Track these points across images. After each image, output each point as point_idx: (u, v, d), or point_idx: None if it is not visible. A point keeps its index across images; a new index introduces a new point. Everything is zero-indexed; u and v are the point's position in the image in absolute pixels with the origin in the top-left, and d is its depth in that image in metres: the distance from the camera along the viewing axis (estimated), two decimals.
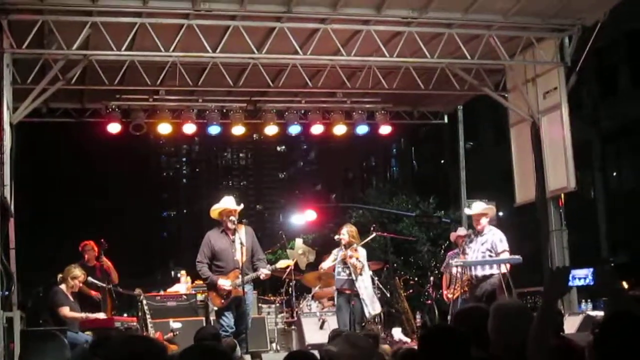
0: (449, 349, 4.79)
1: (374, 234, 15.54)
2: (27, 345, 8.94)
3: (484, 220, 13.43)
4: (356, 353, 5.80)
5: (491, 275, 13.03)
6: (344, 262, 13.37)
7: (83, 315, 12.94)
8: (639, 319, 3.77)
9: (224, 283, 12.57)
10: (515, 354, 4.91)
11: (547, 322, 4.42)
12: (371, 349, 6.14)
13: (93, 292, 14.03)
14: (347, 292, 13.31)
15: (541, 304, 4.50)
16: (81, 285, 13.39)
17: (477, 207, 13.79)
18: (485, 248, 13.25)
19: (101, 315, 13.35)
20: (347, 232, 13.55)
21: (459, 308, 7.64)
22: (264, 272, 12.87)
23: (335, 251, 13.81)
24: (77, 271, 13.25)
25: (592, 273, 20.02)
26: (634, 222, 28.46)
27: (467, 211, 14.81)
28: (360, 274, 13.30)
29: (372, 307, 13.39)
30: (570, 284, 4.64)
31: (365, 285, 13.39)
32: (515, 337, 5.03)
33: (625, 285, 16.09)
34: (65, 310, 12.80)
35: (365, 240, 14.92)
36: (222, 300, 12.62)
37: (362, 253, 13.57)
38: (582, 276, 19.86)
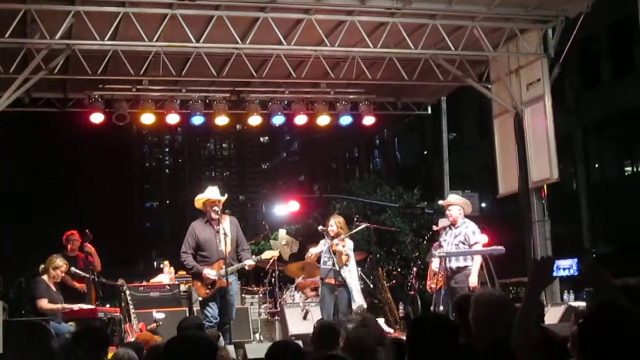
0: (438, 338, 4.80)
1: (363, 225, 15.50)
2: (12, 336, 8.91)
3: (454, 212, 13.48)
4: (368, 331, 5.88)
5: (465, 267, 13.08)
6: (330, 251, 13.36)
7: (60, 306, 12.86)
8: (624, 310, 3.78)
9: (210, 272, 12.54)
10: (498, 345, 4.93)
11: (531, 312, 4.43)
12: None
13: (77, 284, 13.99)
14: (332, 282, 13.32)
15: (525, 294, 4.51)
16: (63, 275, 13.33)
17: (450, 198, 13.94)
18: (458, 240, 13.32)
19: (83, 306, 13.30)
20: (335, 223, 13.54)
21: (456, 298, 7.66)
22: (249, 262, 12.86)
23: (322, 241, 13.80)
24: (59, 261, 13.19)
25: (577, 263, 20.12)
26: (615, 214, 28.60)
27: (439, 202, 14.92)
28: (346, 264, 13.30)
29: (359, 298, 13.41)
30: (555, 274, 4.65)
31: (352, 276, 13.41)
32: (498, 328, 5.04)
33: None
34: (43, 302, 12.68)
35: (355, 231, 14.92)
36: (207, 291, 12.61)
37: (349, 244, 13.57)
38: (566, 266, 19.99)
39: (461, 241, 13.25)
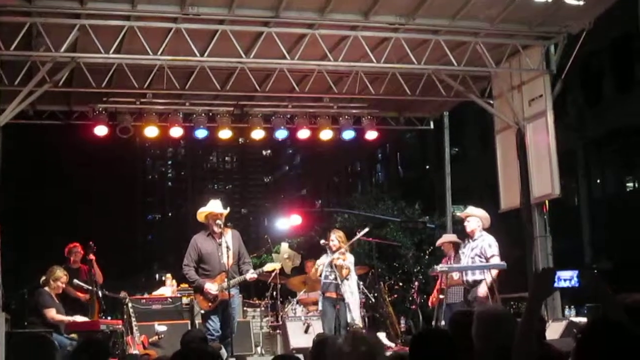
0: (439, 353, 4.82)
1: (363, 232, 15.43)
2: (15, 347, 8.95)
3: (473, 224, 13.48)
4: (364, 350, 5.88)
5: (482, 280, 13.10)
6: (331, 265, 13.39)
7: (70, 318, 12.92)
8: (620, 325, 3.81)
9: (211, 287, 12.55)
10: (502, 357, 4.95)
11: (533, 324, 4.45)
12: (378, 346, 6.23)
13: (80, 294, 14.02)
14: (333, 296, 13.33)
15: (527, 305, 4.52)
16: (64, 286, 13.37)
17: (468, 210, 13.95)
18: (474, 253, 13.32)
19: (86, 318, 13.34)
20: (336, 238, 13.58)
21: (453, 314, 7.70)
22: (250, 275, 12.86)
23: (324, 256, 13.81)
24: (59, 272, 13.22)
25: (578, 275, 20.08)
26: (616, 229, 28.60)
27: (458, 213, 14.91)
28: (347, 278, 13.33)
29: (355, 314, 13.43)
30: (556, 284, 4.65)
31: (351, 291, 13.42)
32: (499, 343, 5.07)
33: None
34: (53, 312, 12.78)
35: (355, 239, 14.91)
36: (210, 304, 12.61)
37: (350, 258, 13.59)
38: (567, 278, 19.91)
39: (477, 254, 13.23)
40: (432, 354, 4.85)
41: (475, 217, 13.53)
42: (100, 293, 14.10)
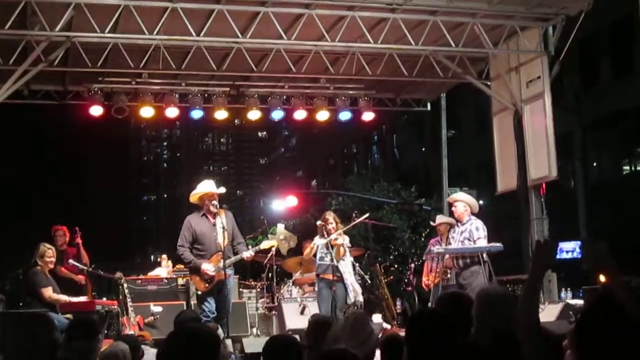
0: (437, 334, 4.78)
1: (361, 218, 15.41)
2: (12, 328, 8.92)
3: (460, 208, 13.51)
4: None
5: (472, 263, 13.13)
6: (327, 246, 13.34)
7: (67, 297, 12.86)
8: (620, 307, 3.76)
9: (208, 268, 12.51)
10: (501, 335, 4.92)
11: (534, 295, 4.39)
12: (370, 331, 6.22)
13: (78, 277, 13.96)
14: (329, 277, 13.29)
15: (528, 277, 4.44)
16: (53, 260, 13.19)
17: (455, 195, 14.02)
18: (463, 237, 13.38)
19: (82, 298, 13.30)
20: (333, 219, 13.55)
21: (441, 294, 7.68)
22: (247, 254, 12.80)
23: (317, 238, 13.77)
24: (42, 247, 12.95)
25: (580, 246, 19.97)
26: (613, 212, 28.62)
27: (446, 199, 14.96)
28: (342, 259, 13.31)
29: (354, 292, 13.43)
30: (558, 256, 4.58)
31: (348, 271, 13.42)
32: (500, 323, 5.03)
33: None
34: (49, 291, 12.67)
35: (354, 223, 14.92)
36: (206, 285, 12.58)
37: (346, 239, 13.58)
38: (569, 249, 19.85)
39: (466, 238, 13.29)
40: (428, 335, 4.80)
41: (461, 202, 13.56)
42: (90, 272, 14.05)
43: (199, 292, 12.91)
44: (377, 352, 6.83)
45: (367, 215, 15.44)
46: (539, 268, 4.43)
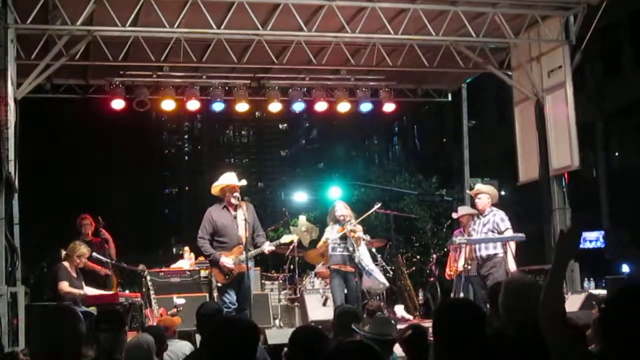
0: (467, 322, 4.75)
1: (375, 207, 15.42)
2: (37, 320, 9.01)
3: (484, 200, 13.53)
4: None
5: (495, 255, 13.16)
6: (342, 238, 13.32)
7: (82, 291, 12.89)
8: None
9: (227, 261, 12.53)
10: (526, 328, 4.91)
11: (558, 285, 4.36)
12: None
13: (99, 268, 14.01)
14: (346, 268, 13.28)
15: (552, 266, 4.40)
16: (86, 261, 13.35)
17: (478, 186, 14.03)
18: (487, 229, 13.39)
19: (99, 291, 13.35)
20: (344, 207, 13.55)
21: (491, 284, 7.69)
22: (268, 247, 12.82)
23: (329, 228, 13.76)
24: (83, 248, 13.17)
25: (604, 236, 19.93)
26: (635, 202, 28.46)
27: (467, 191, 14.94)
28: (359, 247, 13.32)
29: (380, 277, 13.54)
30: (582, 245, 4.53)
31: (365, 257, 13.47)
32: (527, 313, 5.00)
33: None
34: (64, 285, 12.69)
35: (367, 214, 14.95)
36: (226, 277, 12.62)
37: (359, 227, 13.56)
38: (593, 239, 19.81)
39: (490, 229, 13.30)
40: (457, 324, 4.77)
41: (485, 194, 13.60)
42: (115, 264, 14.14)
43: (219, 284, 12.96)
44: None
45: (379, 204, 15.40)
46: (562, 258, 4.40)
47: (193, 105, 16.65)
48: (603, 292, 13.69)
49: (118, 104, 16.17)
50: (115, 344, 6.91)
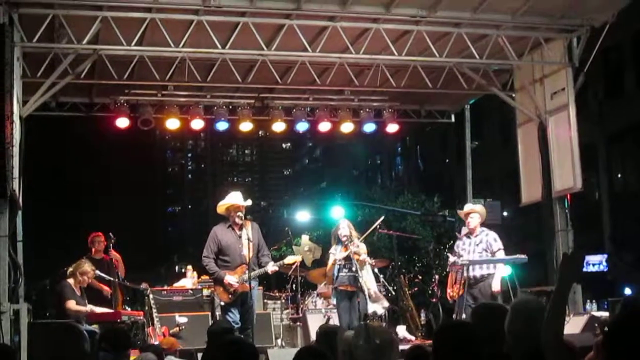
0: (463, 346, 4.76)
1: (375, 224, 15.45)
2: (40, 338, 9.01)
3: (475, 220, 13.59)
4: (374, 346, 5.84)
5: (489, 275, 13.22)
6: (346, 259, 13.35)
7: (87, 309, 12.96)
8: None
9: (231, 280, 12.59)
10: (533, 353, 4.88)
11: (561, 309, 4.36)
12: (390, 342, 6.18)
13: (103, 286, 14.03)
14: (349, 289, 13.31)
15: (554, 290, 4.40)
16: (90, 281, 13.41)
17: (471, 206, 14.09)
18: (481, 248, 13.47)
19: (104, 309, 13.38)
20: (347, 227, 13.58)
21: (476, 306, 7.66)
22: (272, 267, 12.87)
23: (333, 248, 13.79)
24: (87, 267, 13.26)
25: (606, 259, 19.91)
26: (638, 224, 28.47)
27: (459, 211, 14.95)
28: (362, 269, 13.34)
29: (380, 303, 13.48)
30: (585, 269, 4.56)
31: (370, 280, 13.47)
32: (532, 342, 4.92)
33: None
34: (71, 304, 12.82)
35: (369, 232, 14.98)
36: (230, 296, 12.65)
37: (363, 247, 13.59)
38: (596, 262, 19.79)
39: (484, 249, 13.34)
40: (455, 347, 4.79)
41: (477, 214, 13.67)
42: (122, 283, 14.17)
43: (223, 303, 12.98)
44: None
45: (382, 218, 15.43)
46: (565, 282, 4.41)
47: (197, 124, 16.67)
48: (605, 314, 13.68)
49: (123, 122, 16.20)
50: None
